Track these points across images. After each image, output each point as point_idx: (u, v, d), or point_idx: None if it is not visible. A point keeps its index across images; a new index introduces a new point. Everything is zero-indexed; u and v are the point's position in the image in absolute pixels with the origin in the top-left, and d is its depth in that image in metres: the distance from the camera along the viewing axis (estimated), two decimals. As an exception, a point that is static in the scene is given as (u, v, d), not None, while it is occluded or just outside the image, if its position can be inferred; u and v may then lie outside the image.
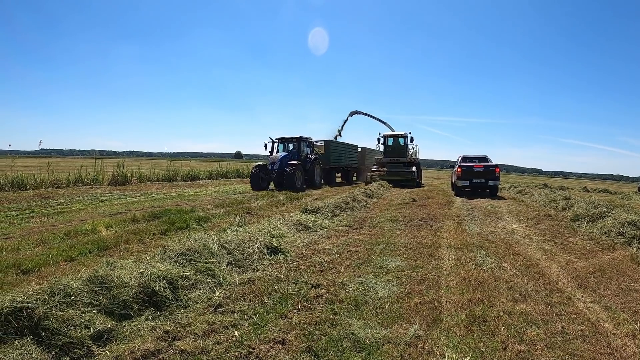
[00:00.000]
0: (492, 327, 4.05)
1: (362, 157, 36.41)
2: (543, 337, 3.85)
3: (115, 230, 8.71)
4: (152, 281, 4.49)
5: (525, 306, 4.64)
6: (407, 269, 6.17)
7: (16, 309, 3.62)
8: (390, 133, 32.77)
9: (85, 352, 3.43)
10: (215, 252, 5.84)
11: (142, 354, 3.40)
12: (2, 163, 21.14)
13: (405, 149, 30.44)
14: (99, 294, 4.14)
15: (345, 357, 3.46)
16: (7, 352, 3.25)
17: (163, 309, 4.29)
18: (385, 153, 30.76)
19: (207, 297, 4.71)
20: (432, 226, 10.16)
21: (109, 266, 4.72)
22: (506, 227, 10.24)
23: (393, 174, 27.96)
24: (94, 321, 3.76)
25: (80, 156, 61.10)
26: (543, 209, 14.20)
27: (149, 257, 5.43)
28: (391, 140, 31.02)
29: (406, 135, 30.61)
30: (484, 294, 5.01)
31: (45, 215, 11.27)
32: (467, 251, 7.25)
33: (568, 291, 5.23)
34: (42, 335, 3.49)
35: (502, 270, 6.14)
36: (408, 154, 30.37)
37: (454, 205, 15.14)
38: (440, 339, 3.78)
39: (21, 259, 6.36)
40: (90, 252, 6.85)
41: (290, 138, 24.63)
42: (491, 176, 19.42)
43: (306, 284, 5.34)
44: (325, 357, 3.45)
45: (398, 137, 31.03)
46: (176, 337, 3.76)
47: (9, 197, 14.85)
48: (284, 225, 8.62)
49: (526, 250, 7.53)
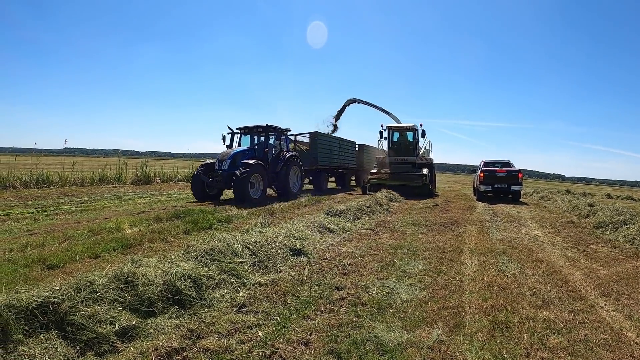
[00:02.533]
0: (515, 334, 4.01)
1: (361, 156, 29.81)
2: (566, 345, 3.80)
3: (139, 229, 8.81)
4: (177, 280, 4.54)
5: (548, 313, 4.58)
6: (430, 273, 6.14)
7: (42, 303, 3.68)
8: (395, 125, 25.69)
9: (110, 348, 3.47)
10: (239, 253, 5.89)
11: (166, 351, 3.43)
12: (28, 161, 21.49)
13: (414, 145, 23.57)
14: (124, 291, 4.19)
15: (368, 359, 3.46)
16: (32, 346, 3.30)
17: (187, 308, 4.33)
18: (388, 151, 23.98)
19: (230, 297, 4.74)
20: (455, 231, 10.09)
21: (134, 264, 4.79)
22: (529, 233, 10.11)
23: (398, 178, 21.45)
24: (119, 317, 3.81)
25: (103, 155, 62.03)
26: (566, 216, 14.00)
27: (174, 256, 5.49)
28: (396, 134, 24.45)
29: (416, 129, 23.51)
30: (507, 300, 4.96)
31: (70, 213, 11.46)
32: (490, 257, 7.18)
33: (591, 299, 5.15)
34: (67, 330, 3.54)
35: (524, 276, 6.07)
36: (418, 152, 23.50)
37: (476, 210, 15.00)
38: (463, 344, 3.76)
39: (46, 255, 6.47)
40: (114, 250, 6.94)
41: (255, 127, 17.99)
42: (514, 181, 19.21)
43: (329, 286, 5.34)
44: None
45: (405, 131, 24.17)
46: (200, 335, 3.79)
47: (34, 194, 15.13)
48: (306, 227, 8.66)
49: (549, 256, 7.43)
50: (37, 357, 3.21)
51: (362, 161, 29.58)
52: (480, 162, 22.07)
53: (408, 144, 23.91)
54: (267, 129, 17.60)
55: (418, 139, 23.54)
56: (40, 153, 24.37)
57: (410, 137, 23.95)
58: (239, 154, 16.15)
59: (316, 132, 23.16)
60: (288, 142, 19.65)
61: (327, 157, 23.56)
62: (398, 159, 23.31)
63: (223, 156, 16.03)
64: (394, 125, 25.19)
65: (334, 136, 26.83)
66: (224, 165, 15.59)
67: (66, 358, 3.27)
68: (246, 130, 18.22)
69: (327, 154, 23.59)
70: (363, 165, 29.29)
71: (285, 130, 18.99)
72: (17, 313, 3.51)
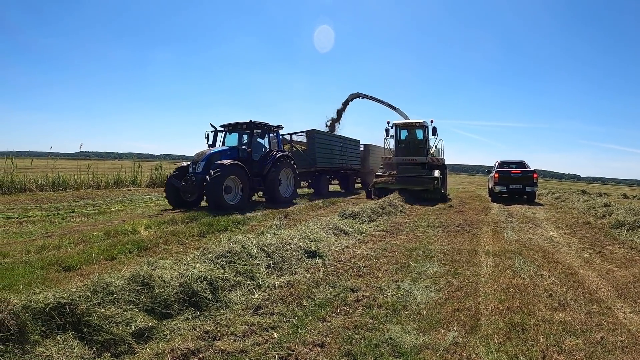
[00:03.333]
0: (531, 336, 3.97)
1: (367, 157, 28.26)
2: (582, 347, 3.76)
3: (154, 231, 8.89)
4: (193, 282, 4.57)
5: (564, 315, 4.53)
6: (445, 275, 6.11)
7: (59, 305, 3.71)
8: (402, 121, 23.12)
9: (126, 349, 3.50)
10: (254, 255, 5.90)
11: (182, 352, 3.45)
12: (44, 164, 21.77)
13: (424, 144, 21.24)
14: (140, 293, 4.23)
15: (383, 361, 3.45)
16: (49, 347, 3.33)
17: (203, 309, 4.35)
18: (395, 150, 21.56)
19: (246, 299, 4.76)
20: (470, 232, 10.03)
21: (150, 266, 4.82)
22: (544, 234, 10.03)
23: (406, 182, 19.23)
24: (136, 319, 3.84)
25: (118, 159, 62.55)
26: (582, 216, 13.86)
27: (190, 258, 5.53)
28: (404, 132, 21.95)
29: (426, 125, 21.04)
30: (523, 301, 4.92)
31: (86, 215, 11.59)
32: (505, 258, 7.13)
33: (608, 301, 5.08)
34: (84, 331, 3.58)
35: (540, 278, 6.01)
36: (429, 152, 21.26)
37: (491, 212, 14.92)
38: (479, 346, 3.73)
39: (63, 257, 6.55)
40: (130, 252, 7.00)
41: (238, 124, 16.02)
42: (529, 182, 19.05)
43: (344, 288, 5.33)
44: (364, 362, 3.44)
45: (414, 128, 21.65)
46: (216, 337, 3.80)
47: (50, 197, 15.32)
48: (321, 229, 8.66)
49: (565, 258, 7.36)
50: (54, 357, 3.24)
51: (368, 162, 28.02)
52: (495, 163, 21.90)
53: (417, 142, 21.48)
54: (252, 125, 15.59)
55: (428, 137, 21.20)
56: (56, 157, 24.72)
57: (419, 135, 21.53)
58: (216, 154, 14.28)
59: (314, 130, 21.26)
60: (280, 140, 17.57)
61: (327, 158, 21.81)
62: (406, 160, 20.88)
63: (198, 157, 14.13)
64: (402, 122, 22.62)
65: (334, 135, 25.06)
66: (198, 168, 13.72)
67: (83, 359, 3.30)
68: (230, 127, 16.32)
69: (327, 154, 21.83)
70: (369, 166, 27.53)
71: (277, 127, 16.99)
72: (35, 314, 3.54)
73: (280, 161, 16.11)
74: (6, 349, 3.17)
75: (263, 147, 16.50)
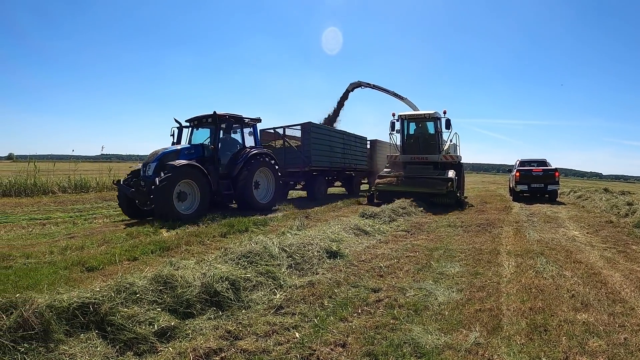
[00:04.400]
0: (554, 337, 3.93)
1: (374, 155, 24.56)
2: (605, 349, 3.70)
3: (175, 232, 8.98)
4: (215, 282, 4.60)
5: (587, 316, 4.46)
6: (467, 275, 6.07)
7: (83, 304, 3.78)
8: (410, 113, 19.83)
9: (149, 348, 3.54)
10: (275, 255, 5.92)
11: (205, 351, 3.48)
12: (66, 167, 22.14)
13: (436, 139, 17.99)
14: (163, 293, 4.27)
15: (405, 362, 3.45)
16: (73, 345, 3.39)
17: (225, 309, 4.38)
18: (402, 147, 18.55)
19: (268, 299, 4.77)
20: (491, 232, 9.95)
21: (173, 266, 4.89)
22: (567, 233, 9.89)
23: (414, 184, 16.13)
24: (158, 318, 3.88)
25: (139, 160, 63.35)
26: (604, 215, 13.62)
27: (212, 259, 5.59)
28: (412, 125, 18.75)
29: (438, 117, 17.76)
30: (545, 302, 4.86)
31: (108, 217, 11.76)
32: (527, 258, 7.06)
33: (631, 301, 4.99)
34: (107, 330, 3.63)
35: (563, 278, 5.93)
36: (442, 148, 17.95)
37: (512, 211, 14.75)
38: (501, 347, 3.70)
39: (85, 257, 6.65)
40: (152, 252, 7.08)
41: (203, 118, 13.42)
42: (550, 180, 18.76)
43: (366, 288, 5.32)
44: (386, 362, 3.44)
45: (424, 120, 18.42)
46: (238, 336, 3.83)
47: (73, 199, 15.56)
48: (342, 229, 8.68)
49: (588, 258, 7.25)
50: (77, 356, 3.30)
51: (376, 161, 24.19)
52: (516, 162, 21.62)
53: (428, 137, 18.20)
54: (217, 118, 12.89)
55: (441, 131, 17.72)
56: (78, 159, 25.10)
57: (430, 128, 18.24)
58: (171, 154, 11.71)
59: (309, 122, 17.83)
60: (257, 135, 14.69)
61: (325, 156, 18.51)
62: (415, 158, 17.84)
63: (149, 158, 11.61)
64: (409, 114, 19.04)
65: (335, 130, 21.18)
66: (148, 171, 11.23)
67: (106, 357, 3.35)
68: (196, 122, 13.78)
69: (325, 152, 18.53)
70: (376, 165, 23.71)
71: (253, 120, 14.44)
72: (59, 313, 3.60)
73: (255, 160, 13.44)
74: (30, 347, 3.23)
75: (238, 144, 14.10)
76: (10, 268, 6.20)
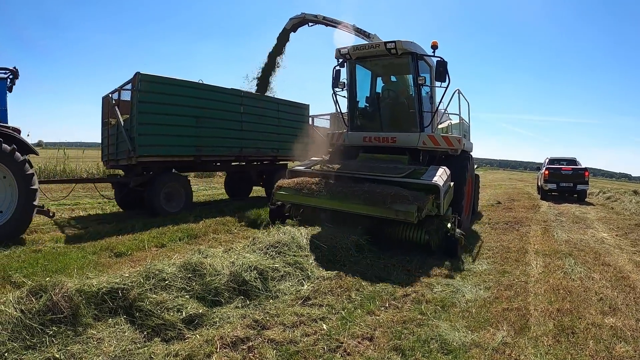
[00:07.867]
0: (581, 340, 3.88)
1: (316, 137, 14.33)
2: (632, 355, 3.65)
3: (203, 220, 9.03)
4: (244, 271, 4.64)
5: (615, 320, 4.39)
6: (494, 273, 6.03)
7: (112, 289, 3.87)
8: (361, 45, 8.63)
9: (177, 335, 3.59)
10: (303, 246, 5.92)
11: (232, 340, 3.51)
12: (95, 154, 22.45)
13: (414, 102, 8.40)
14: (192, 280, 4.32)
15: (432, 358, 3.44)
16: (101, 329, 3.48)
17: (252, 299, 4.41)
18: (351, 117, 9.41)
19: (295, 290, 4.78)
20: (519, 230, 9.82)
21: (202, 254, 4.92)
22: (595, 235, 9.72)
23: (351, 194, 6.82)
24: (186, 306, 3.93)
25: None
26: (634, 218, 13.31)
27: (240, 248, 5.61)
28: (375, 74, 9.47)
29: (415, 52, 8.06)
30: (573, 304, 4.80)
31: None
32: (555, 258, 6.96)
33: (660, 307, 4.90)
34: (135, 316, 3.71)
35: (591, 280, 5.84)
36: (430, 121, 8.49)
37: (540, 210, 14.53)
38: (528, 348, 3.68)
39: (114, 243, 6.78)
40: (180, 240, 7.18)
41: None
42: (580, 180, 18.37)
43: (393, 283, 5.31)
44: (412, 357, 3.44)
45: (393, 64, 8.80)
46: (265, 326, 3.85)
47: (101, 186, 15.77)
48: (370, 223, 8.53)
49: (616, 260, 7.11)
50: (105, 340, 3.37)
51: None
52: (545, 160, 21.23)
53: (397, 97, 9.15)
54: None
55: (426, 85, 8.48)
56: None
57: (410, 81, 8.71)
58: None
59: (141, 73, 9.45)
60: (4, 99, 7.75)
61: (174, 137, 10.13)
62: (372, 139, 8.82)
63: None
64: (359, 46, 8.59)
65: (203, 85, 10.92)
66: None
67: (133, 342, 3.41)
68: None
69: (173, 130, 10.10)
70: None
71: None
72: (88, 298, 3.69)
73: None
74: (59, 330, 3.32)
75: None
76: (40, 252, 6.35)
